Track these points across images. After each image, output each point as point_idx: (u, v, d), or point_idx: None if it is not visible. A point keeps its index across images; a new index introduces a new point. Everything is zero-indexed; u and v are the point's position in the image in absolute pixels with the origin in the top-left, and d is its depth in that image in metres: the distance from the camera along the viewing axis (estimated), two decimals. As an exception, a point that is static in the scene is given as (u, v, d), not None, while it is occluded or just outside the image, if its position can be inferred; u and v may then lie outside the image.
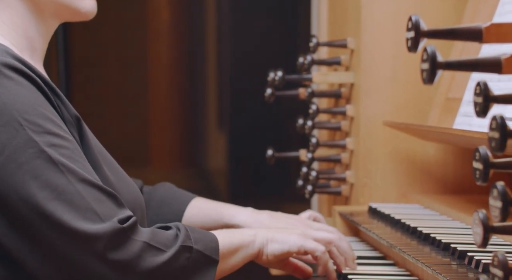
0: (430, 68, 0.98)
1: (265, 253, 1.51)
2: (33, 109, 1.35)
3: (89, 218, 1.32)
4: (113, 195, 1.36)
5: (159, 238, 1.37)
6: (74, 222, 1.31)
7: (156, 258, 1.35)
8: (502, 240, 1.48)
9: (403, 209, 1.84)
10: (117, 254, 1.32)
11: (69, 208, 1.32)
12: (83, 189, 1.33)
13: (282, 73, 2.01)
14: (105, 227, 1.32)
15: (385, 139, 1.94)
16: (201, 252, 1.39)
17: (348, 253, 1.60)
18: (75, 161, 1.35)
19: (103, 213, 1.33)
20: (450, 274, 1.32)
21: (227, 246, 1.45)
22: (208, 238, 1.43)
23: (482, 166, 0.98)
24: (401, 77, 1.94)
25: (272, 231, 1.53)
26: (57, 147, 1.34)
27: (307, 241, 1.53)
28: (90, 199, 1.33)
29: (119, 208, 1.36)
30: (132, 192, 1.48)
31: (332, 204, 2.11)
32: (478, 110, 0.98)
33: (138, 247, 1.34)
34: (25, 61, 1.39)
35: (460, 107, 1.76)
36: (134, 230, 1.35)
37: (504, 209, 0.96)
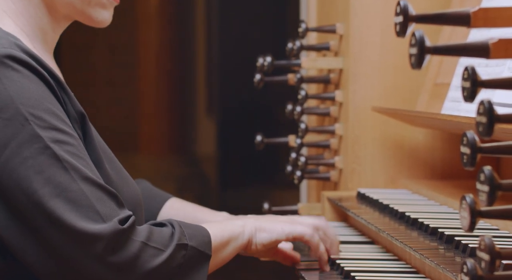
0: (418, 53, 0.98)
1: (254, 242, 1.52)
2: (39, 103, 1.34)
3: (91, 218, 1.32)
4: (114, 195, 1.36)
5: (157, 237, 1.37)
6: (75, 221, 1.31)
7: (155, 259, 1.35)
8: (489, 224, 1.49)
9: (391, 194, 1.85)
10: (116, 256, 1.33)
11: (71, 206, 1.31)
12: (86, 188, 1.33)
13: (271, 58, 2.00)
14: (106, 227, 1.32)
15: (374, 124, 1.95)
16: (195, 249, 1.40)
17: (334, 240, 1.61)
18: (79, 158, 1.35)
19: (105, 213, 1.33)
20: (437, 258, 1.33)
21: (219, 239, 1.46)
22: (201, 233, 1.43)
23: (469, 150, 0.99)
24: (390, 63, 1.94)
25: (260, 220, 1.54)
26: (62, 144, 1.34)
27: (294, 227, 1.54)
28: (93, 198, 1.33)
29: (119, 208, 1.36)
30: (132, 191, 1.48)
31: (321, 189, 2.12)
32: (466, 95, 0.99)
33: (136, 247, 1.34)
34: (34, 54, 1.38)
35: (448, 92, 1.77)
36: (133, 230, 1.35)
37: (491, 194, 0.96)
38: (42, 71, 1.37)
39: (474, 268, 0.97)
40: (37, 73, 1.36)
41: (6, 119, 1.32)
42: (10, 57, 1.34)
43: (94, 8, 1.47)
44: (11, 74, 1.34)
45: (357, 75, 1.94)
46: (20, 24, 1.45)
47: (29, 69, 1.35)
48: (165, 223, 1.43)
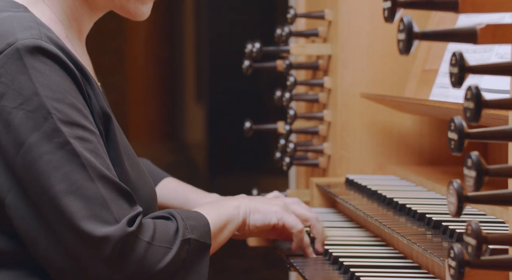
0: (407, 38, 0.98)
1: (248, 223, 1.52)
2: (64, 97, 1.34)
3: (102, 218, 1.32)
4: (128, 193, 1.36)
5: (162, 234, 1.38)
6: (85, 223, 1.31)
7: (162, 258, 1.36)
8: (476, 210, 1.50)
9: (379, 180, 1.85)
10: (123, 258, 1.33)
11: (84, 204, 1.32)
12: (102, 186, 1.33)
13: (259, 45, 2.00)
14: (115, 230, 1.32)
15: (362, 111, 1.95)
16: (197, 241, 1.41)
17: (320, 235, 1.62)
18: (97, 156, 1.35)
19: (117, 213, 1.33)
20: (425, 244, 1.34)
21: (217, 225, 1.47)
22: (201, 223, 1.43)
23: (457, 136, 0.99)
24: (378, 49, 1.94)
25: (254, 201, 1.54)
26: (81, 140, 1.34)
27: (287, 215, 1.55)
28: (107, 197, 1.33)
29: (131, 207, 1.36)
30: (149, 191, 1.49)
31: (309, 176, 2.12)
32: (453, 81, 0.99)
33: (143, 248, 1.34)
34: (64, 47, 1.37)
35: (437, 78, 1.77)
36: (140, 230, 1.35)
37: (478, 179, 0.97)
38: (70, 65, 1.36)
39: (461, 253, 0.97)
40: (64, 66, 1.36)
41: (29, 111, 1.32)
42: (39, 49, 1.34)
43: (134, 3, 1.47)
44: (38, 65, 1.33)
45: (346, 61, 1.94)
46: (56, 13, 1.45)
47: (57, 62, 1.35)
48: (168, 216, 1.43)
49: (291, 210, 1.57)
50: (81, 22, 1.48)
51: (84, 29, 1.50)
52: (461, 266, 0.97)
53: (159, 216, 1.43)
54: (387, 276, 1.42)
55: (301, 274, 1.51)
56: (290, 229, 1.55)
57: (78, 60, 1.39)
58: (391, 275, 1.42)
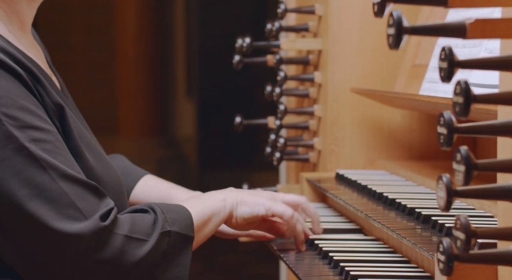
0: (396, 33, 0.98)
1: (235, 216, 1.52)
2: (13, 102, 1.32)
3: (72, 216, 1.31)
4: (95, 188, 1.35)
5: (139, 227, 1.37)
6: (55, 223, 1.30)
7: (139, 250, 1.35)
8: (465, 204, 1.50)
9: (369, 175, 1.85)
10: (100, 252, 1.32)
11: (50, 206, 1.30)
12: (66, 186, 1.32)
13: (250, 39, 2.00)
14: (87, 225, 1.31)
15: (353, 106, 1.95)
16: (178, 233, 1.40)
17: (315, 216, 1.62)
18: (57, 155, 1.33)
19: (86, 210, 1.32)
20: (414, 238, 1.34)
21: (201, 218, 1.46)
22: (183, 216, 1.43)
23: (446, 131, 0.99)
24: (369, 44, 1.94)
25: (241, 194, 1.54)
26: (38, 142, 1.32)
27: (275, 204, 1.54)
28: (73, 196, 1.32)
29: (101, 201, 1.35)
30: (114, 178, 1.47)
31: (300, 171, 2.12)
32: (443, 75, 0.99)
33: (120, 242, 1.34)
34: (7, 49, 1.35)
35: (426, 73, 1.77)
36: (115, 224, 1.35)
37: (467, 173, 0.97)
38: (15, 67, 1.34)
39: (450, 247, 0.98)
40: (9, 70, 1.34)
41: None
42: None
43: None
44: None
45: (336, 56, 1.94)
46: None
47: (1, 67, 1.33)
48: (146, 209, 1.42)
49: (279, 198, 1.57)
50: (20, 13, 1.46)
51: (25, 19, 1.47)
52: (450, 260, 0.97)
53: (137, 210, 1.42)
54: (377, 270, 1.42)
55: (291, 268, 1.51)
56: (281, 217, 1.55)
57: (22, 60, 1.37)
58: (380, 270, 1.42)
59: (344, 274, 1.41)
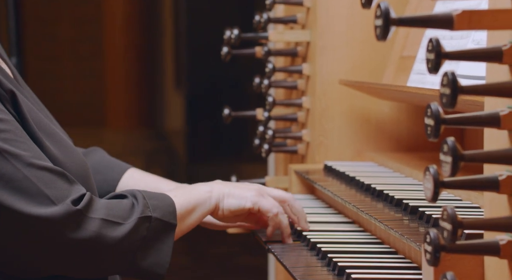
0: (384, 24, 0.98)
1: (221, 208, 1.51)
2: None
3: (42, 203, 1.30)
4: (62, 174, 1.34)
5: (116, 211, 1.36)
6: (27, 209, 1.29)
7: (115, 233, 1.35)
8: (452, 195, 1.51)
9: (357, 167, 1.86)
10: (75, 235, 1.32)
11: (19, 195, 1.29)
12: (31, 174, 1.31)
13: (238, 31, 1.99)
14: (59, 210, 1.30)
15: (341, 97, 1.95)
16: (159, 220, 1.39)
17: (301, 213, 1.62)
18: (20, 143, 1.32)
19: (55, 196, 1.31)
20: (402, 229, 1.35)
21: (184, 207, 1.45)
22: (165, 203, 1.42)
23: (433, 122, 1.00)
24: (357, 36, 1.94)
25: (228, 186, 1.54)
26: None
27: (262, 200, 1.54)
28: (40, 183, 1.31)
29: (71, 186, 1.34)
30: (78, 163, 1.45)
31: (288, 162, 2.13)
32: (430, 67, 0.99)
33: (96, 225, 1.33)
34: None
35: (414, 65, 1.78)
36: (89, 208, 1.34)
37: (454, 164, 0.97)
38: None
39: (436, 237, 0.98)
40: None
41: None
42: None
43: None
44: None
45: (324, 48, 1.94)
46: None
47: None
48: (126, 194, 1.41)
49: (267, 193, 1.57)
50: None
51: None
52: (437, 251, 0.98)
53: (116, 196, 1.42)
54: (365, 261, 1.43)
55: (279, 260, 1.51)
56: (266, 213, 1.55)
57: None
58: (368, 261, 1.43)
59: (332, 265, 1.42)
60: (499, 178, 1.01)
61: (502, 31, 1.02)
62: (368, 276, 1.33)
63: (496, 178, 1.01)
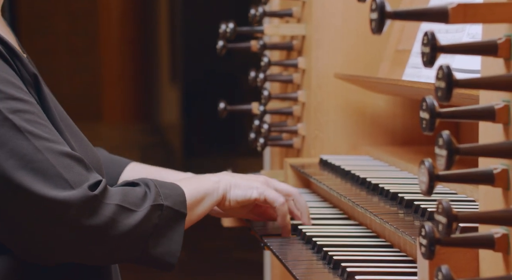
0: (379, 18, 0.98)
1: (228, 198, 1.52)
2: None
3: (60, 186, 1.30)
4: (80, 159, 1.35)
5: (130, 198, 1.37)
6: (44, 191, 1.29)
7: (129, 220, 1.35)
8: (448, 189, 1.51)
9: (353, 160, 1.86)
10: (90, 221, 1.32)
11: (37, 176, 1.30)
12: (51, 156, 1.31)
13: (233, 25, 1.99)
14: (76, 194, 1.31)
15: (336, 91, 1.95)
16: (171, 208, 1.40)
17: (305, 208, 1.62)
18: (41, 126, 1.33)
19: (73, 180, 1.32)
20: (397, 223, 1.35)
21: (194, 197, 1.46)
22: (176, 192, 1.43)
23: (428, 115, 1.00)
24: (352, 30, 1.94)
25: (235, 177, 1.54)
26: (21, 113, 1.31)
27: (268, 190, 1.55)
28: (59, 166, 1.31)
29: (88, 173, 1.35)
30: (92, 157, 1.47)
31: (284, 156, 2.13)
32: (425, 60, 0.99)
33: (111, 210, 1.34)
34: None
35: (409, 58, 1.78)
36: (105, 194, 1.34)
37: (449, 158, 0.97)
38: None
39: (431, 231, 0.98)
40: None
41: None
42: None
43: None
44: None
45: (320, 41, 1.94)
46: None
47: None
48: (138, 182, 1.42)
49: (272, 185, 1.57)
50: None
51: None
52: (432, 244, 0.98)
53: (128, 183, 1.43)
54: (360, 255, 1.43)
55: (275, 253, 1.51)
56: (272, 204, 1.55)
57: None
58: (364, 254, 1.43)
59: (328, 258, 1.42)
60: (494, 172, 1.01)
61: (497, 24, 1.02)
62: (363, 270, 1.33)
63: (491, 172, 1.01)
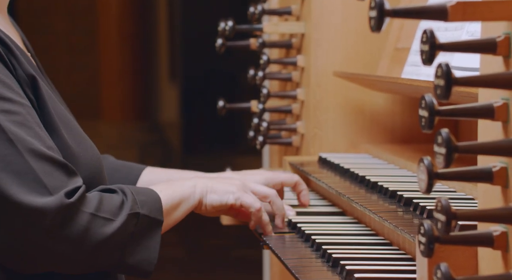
0: (378, 16, 0.98)
1: (204, 203, 1.51)
2: None
3: (37, 191, 1.29)
4: (63, 165, 1.33)
5: (107, 206, 1.36)
6: (20, 196, 1.28)
7: (105, 229, 1.34)
8: (447, 187, 1.51)
9: (352, 158, 1.86)
10: (65, 229, 1.31)
11: (16, 180, 1.29)
12: (32, 160, 1.30)
13: (232, 23, 1.99)
14: (52, 201, 1.29)
15: (336, 89, 1.95)
16: (147, 216, 1.39)
17: (280, 211, 1.61)
18: (27, 129, 1.31)
19: (52, 186, 1.30)
20: (396, 221, 1.35)
21: (170, 203, 1.45)
22: (152, 199, 1.42)
23: (427, 113, 1.00)
24: (351, 28, 1.94)
25: (211, 181, 1.53)
26: (8, 114, 1.30)
27: (244, 196, 1.54)
28: (39, 171, 1.30)
29: (69, 179, 1.33)
30: (91, 155, 1.45)
31: (283, 154, 2.13)
32: (424, 58, 0.99)
33: (86, 219, 1.32)
34: None
35: (409, 56, 1.78)
36: (82, 201, 1.33)
37: (448, 156, 0.97)
38: None
39: (430, 229, 0.98)
40: None
41: None
42: None
43: None
44: None
45: (319, 40, 1.94)
46: None
47: None
48: (115, 189, 1.41)
49: (249, 188, 1.57)
50: None
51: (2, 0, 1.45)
52: (431, 242, 0.98)
53: (106, 189, 1.41)
54: (359, 253, 1.43)
55: (274, 251, 1.51)
56: (248, 209, 1.54)
57: None
58: (363, 252, 1.43)
59: (327, 256, 1.42)
60: (493, 170, 1.01)
61: (496, 22, 1.02)
62: (362, 268, 1.33)
63: (490, 170, 1.01)
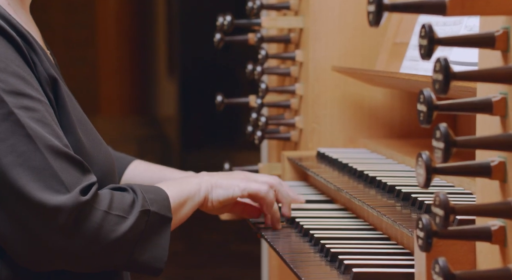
0: (376, 10, 0.98)
1: (210, 199, 1.52)
2: (6, 66, 1.31)
3: (53, 188, 1.30)
4: (79, 162, 1.34)
5: (118, 204, 1.37)
6: (37, 193, 1.29)
7: (118, 227, 1.35)
8: (445, 181, 1.51)
9: (350, 153, 1.86)
10: (79, 227, 1.32)
11: (33, 176, 1.29)
12: (51, 157, 1.31)
13: (231, 17, 1.99)
14: (68, 198, 1.30)
15: (334, 84, 1.95)
16: (157, 213, 1.40)
17: (286, 198, 1.61)
18: (45, 125, 1.32)
19: (68, 182, 1.31)
20: (394, 215, 1.35)
21: (177, 200, 1.46)
22: (161, 197, 1.43)
23: (426, 108, 1.00)
24: (350, 22, 1.94)
25: (215, 176, 1.54)
26: (27, 110, 1.31)
27: (249, 184, 1.54)
28: (57, 167, 1.31)
29: (84, 176, 1.34)
30: (104, 156, 1.46)
31: (281, 149, 2.13)
32: (423, 53, 0.99)
33: (99, 217, 1.33)
34: (5, 15, 1.35)
35: (407, 51, 1.78)
36: (96, 199, 1.34)
37: (447, 150, 0.97)
38: (11, 33, 1.33)
39: (429, 223, 0.98)
40: (5, 34, 1.33)
41: None
42: None
43: None
44: None
45: (317, 34, 1.94)
46: None
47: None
48: (126, 188, 1.42)
49: (252, 178, 1.57)
50: None
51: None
52: (429, 237, 0.98)
53: (116, 188, 1.42)
54: (358, 247, 1.43)
55: (272, 246, 1.51)
56: (257, 194, 1.54)
57: (20, 27, 1.36)
58: (361, 247, 1.43)
59: (325, 251, 1.42)
60: (491, 164, 1.01)
61: (494, 16, 1.02)
62: (360, 262, 1.33)
63: (488, 164, 1.01)
